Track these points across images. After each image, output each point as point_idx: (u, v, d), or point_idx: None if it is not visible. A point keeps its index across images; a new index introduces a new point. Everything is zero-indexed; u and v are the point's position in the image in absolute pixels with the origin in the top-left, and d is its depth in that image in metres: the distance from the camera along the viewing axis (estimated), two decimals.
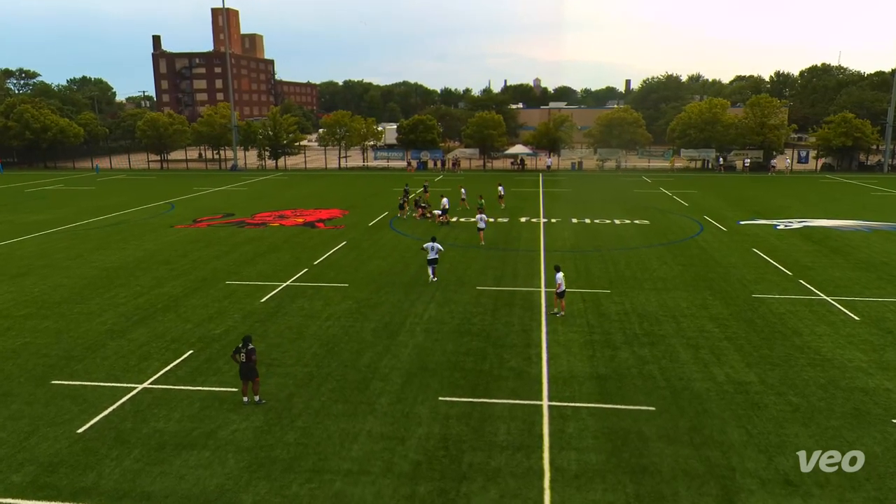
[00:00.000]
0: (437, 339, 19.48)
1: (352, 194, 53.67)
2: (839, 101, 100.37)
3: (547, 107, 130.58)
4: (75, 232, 37.31)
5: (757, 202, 47.67)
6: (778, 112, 76.04)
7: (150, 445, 13.52)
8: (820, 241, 33.14)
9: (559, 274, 21.41)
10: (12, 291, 24.89)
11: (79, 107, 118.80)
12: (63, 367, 17.58)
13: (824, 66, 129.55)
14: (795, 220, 39.69)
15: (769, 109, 74.00)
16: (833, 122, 71.96)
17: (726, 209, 44.32)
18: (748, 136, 74.10)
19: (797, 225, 37.92)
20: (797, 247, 31.91)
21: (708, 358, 18.00)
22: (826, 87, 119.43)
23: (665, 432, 13.96)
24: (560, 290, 21.31)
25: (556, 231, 36.67)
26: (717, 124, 74.07)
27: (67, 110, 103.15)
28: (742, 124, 74.90)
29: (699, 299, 23.40)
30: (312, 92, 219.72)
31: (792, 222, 38.82)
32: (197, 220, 40.86)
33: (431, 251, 25.75)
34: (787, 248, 31.50)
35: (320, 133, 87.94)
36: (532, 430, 14.08)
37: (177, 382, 16.57)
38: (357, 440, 13.70)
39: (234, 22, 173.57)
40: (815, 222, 38.76)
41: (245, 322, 21.16)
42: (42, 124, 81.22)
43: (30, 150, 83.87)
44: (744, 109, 79.18)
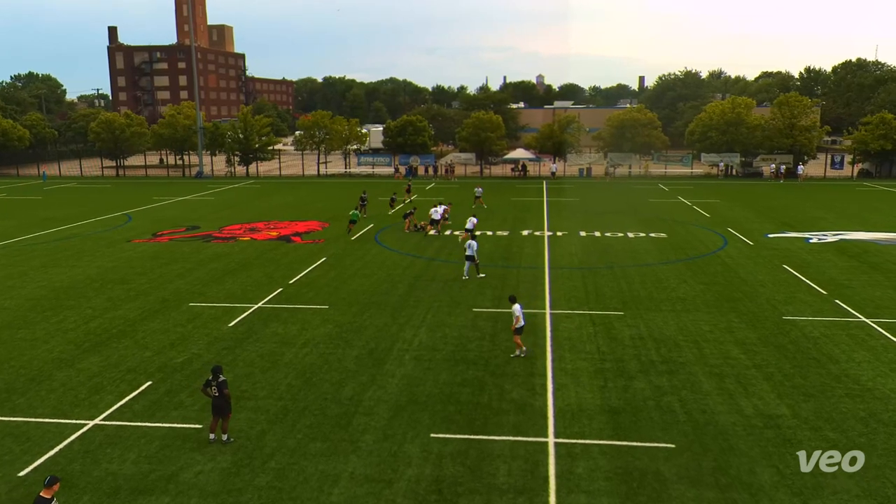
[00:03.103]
0: (428, 368, 19.43)
1: (332, 205, 53.71)
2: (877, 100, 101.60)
3: (551, 106, 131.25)
4: (19, 247, 37.13)
5: (786, 213, 48.00)
6: (809, 112, 76.75)
7: (103, 490, 13.37)
8: (857, 257, 33.34)
9: (516, 306, 20.01)
10: None
11: (24, 106, 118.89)
12: (3, 401, 17.41)
13: (860, 61, 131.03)
14: (830, 232, 39.92)
15: (799, 109, 74.70)
16: (870, 123, 72.62)
17: (752, 220, 44.59)
18: (776, 139, 74.74)
19: (832, 238, 38.14)
20: (832, 263, 32.09)
21: (734, 388, 18.01)
22: (862, 85, 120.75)
23: (686, 473, 13.92)
24: (518, 325, 19.96)
25: (563, 245, 36.78)
26: (741, 126, 74.70)
27: (11, 110, 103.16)
28: (769, 126, 75.57)
29: (723, 322, 23.46)
30: (288, 90, 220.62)
31: (826, 235, 39.04)
32: (157, 234, 40.77)
33: (469, 248, 28.80)
34: (820, 265, 31.67)
35: (297, 136, 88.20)
36: (536, 471, 14.02)
37: (133, 418, 16.43)
38: (338, 483, 13.61)
39: (199, 11, 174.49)
40: (851, 235, 39.01)
41: (211, 349, 21.06)
42: None
43: None
44: (770, 109, 79.93)
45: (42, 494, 11.26)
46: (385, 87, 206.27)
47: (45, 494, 11.23)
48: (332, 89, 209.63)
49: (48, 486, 11.25)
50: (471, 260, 29.25)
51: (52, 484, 11.29)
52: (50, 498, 11.19)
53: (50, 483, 11.30)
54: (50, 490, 11.24)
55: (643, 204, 53.53)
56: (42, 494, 11.26)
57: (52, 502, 11.18)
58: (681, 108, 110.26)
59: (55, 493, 11.31)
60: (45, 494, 11.23)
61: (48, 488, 11.25)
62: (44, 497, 11.21)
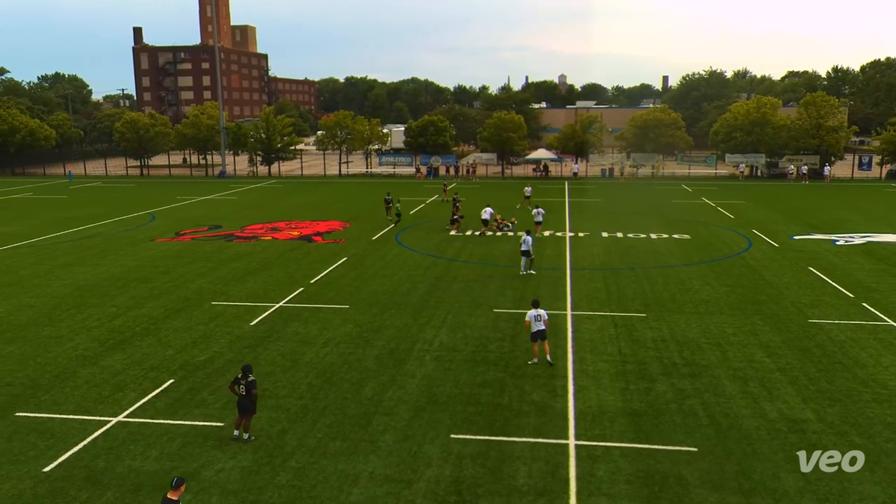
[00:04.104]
0: (448, 369, 19.44)
1: (354, 205, 53.95)
2: None
3: (574, 106, 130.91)
4: (45, 246, 37.70)
5: (812, 214, 47.42)
6: (836, 112, 75.78)
7: (125, 487, 13.53)
8: (886, 259, 32.86)
9: (530, 311, 19.63)
10: None
11: (51, 106, 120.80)
12: (29, 398, 17.68)
13: (889, 60, 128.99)
14: (857, 234, 39.39)
15: (826, 109, 73.76)
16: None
17: (778, 222, 44.11)
18: (802, 140, 73.86)
19: (859, 240, 37.63)
20: (859, 265, 31.65)
21: (758, 392, 17.83)
22: (891, 85, 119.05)
23: (709, 477, 13.80)
24: (532, 330, 19.53)
25: (584, 246, 36.62)
26: (766, 126, 73.89)
27: (38, 110, 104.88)
28: (795, 126, 74.72)
29: (747, 325, 23.23)
30: (310, 90, 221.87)
31: (853, 237, 38.53)
32: (180, 233, 41.18)
33: (524, 244, 29.65)
34: (847, 267, 31.25)
35: (319, 136, 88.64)
36: (556, 473, 13.97)
37: (155, 415, 16.61)
38: (357, 483, 13.65)
39: (223, 12, 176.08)
40: (879, 237, 38.46)
41: (232, 348, 21.24)
42: (10, 125, 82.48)
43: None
44: (797, 109, 79.00)
45: (169, 496, 11.02)
46: (407, 87, 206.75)
47: (171, 496, 11.01)
48: (354, 89, 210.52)
49: (175, 488, 11.04)
50: (526, 255, 29.88)
51: (178, 485, 11.07)
52: (177, 500, 10.98)
53: (177, 484, 11.08)
54: (177, 492, 11.02)
55: (666, 205, 53.15)
56: (169, 496, 11.02)
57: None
58: (705, 108, 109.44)
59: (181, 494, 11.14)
60: (172, 496, 11.01)
61: (175, 490, 11.03)
62: (171, 499, 10.98)
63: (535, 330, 19.52)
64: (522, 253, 30.15)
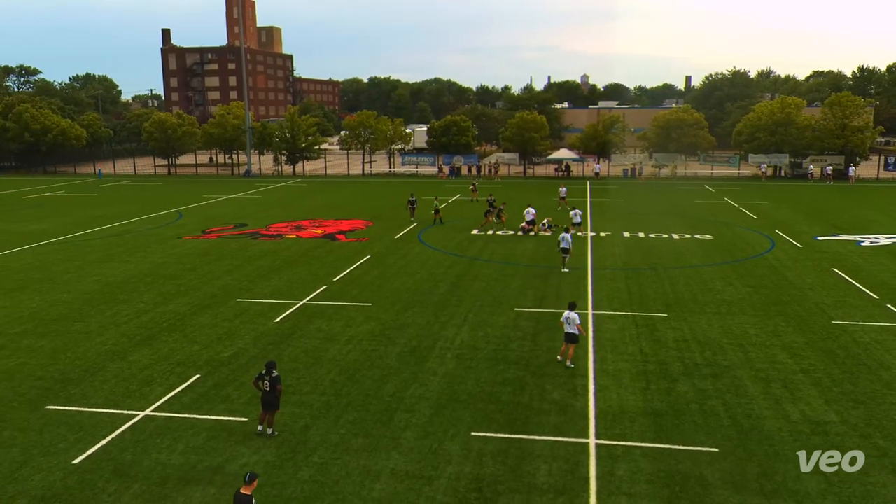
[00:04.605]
0: (469, 367, 19.45)
1: (376, 204, 54.12)
2: None
3: (596, 106, 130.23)
4: (76, 243, 38.26)
5: (837, 215, 46.75)
6: (862, 112, 74.59)
7: (152, 480, 13.70)
8: None
9: (570, 314, 19.33)
10: (7, 307, 25.58)
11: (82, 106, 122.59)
12: (59, 391, 17.96)
13: None
14: (883, 235, 38.78)
15: (851, 109, 72.64)
16: None
17: (801, 223, 43.55)
18: (827, 140, 72.85)
19: (885, 241, 37.05)
20: (885, 266, 31.15)
21: (780, 393, 17.63)
22: None
23: (730, 478, 13.68)
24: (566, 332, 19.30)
25: (606, 246, 36.42)
26: (790, 126, 72.99)
27: (69, 110, 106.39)
28: (820, 126, 73.72)
29: (770, 326, 22.97)
30: (334, 90, 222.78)
31: (878, 238, 37.94)
32: (206, 231, 41.58)
33: (563, 241, 30.28)
34: (872, 268, 30.77)
35: (342, 135, 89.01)
36: (576, 472, 13.92)
37: (181, 410, 16.80)
38: (379, 479, 13.70)
39: (249, 13, 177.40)
40: None
41: (257, 344, 21.41)
42: (42, 125, 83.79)
43: (29, 153, 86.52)
44: (821, 109, 77.92)
45: (242, 491, 10.96)
46: (429, 87, 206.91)
47: (245, 491, 10.94)
48: (377, 89, 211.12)
49: (248, 483, 10.97)
50: (566, 253, 30.48)
51: (251, 480, 11.00)
52: (250, 495, 10.90)
53: (250, 479, 11.01)
54: (249, 487, 10.95)
55: (688, 205, 52.69)
56: (242, 491, 10.96)
57: (252, 500, 10.87)
58: (728, 108, 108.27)
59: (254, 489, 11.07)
60: (246, 491, 10.94)
61: (248, 485, 10.97)
62: (244, 494, 10.91)
63: (565, 331, 19.47)
64: (562, 251, 30.60)
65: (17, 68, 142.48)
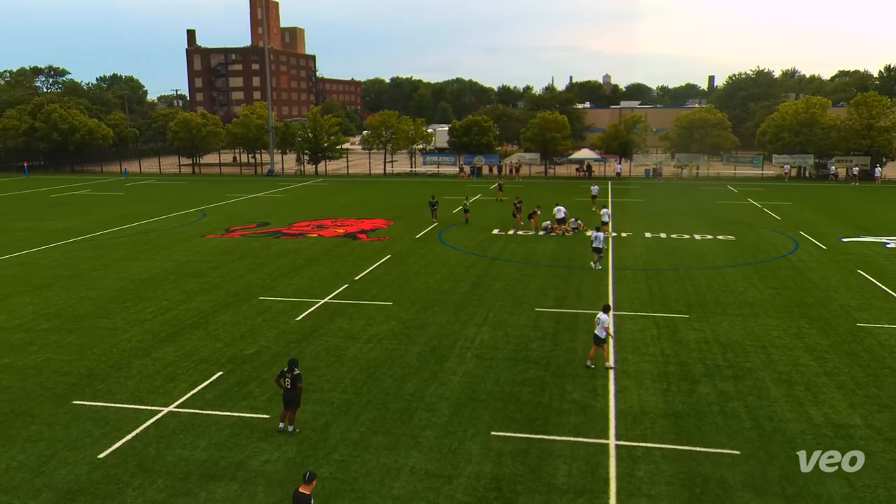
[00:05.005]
0: (489, 367, 19.43)
1: (398, 203, 54.23)
2: None
3: (618, 106, 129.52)
4: (102, 241, 38.76)
5: (862, 216, 46.07)
6: (888, 112, 73.33)
7: (175, 475, 13.84)
8: None
9: (602, 316, 19.19)
10: (35, 303, 25.98)
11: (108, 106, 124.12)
12: (85, 387, 18.21)
13: None
14: None
15: (878, 110, 71.54)
16: None
17: (826, 224, 42.98)
18: (853, 140, 71.85)
19: None
20: None
21: (803, 396, 17.41)
22: None
23: (751, 481, 13.54)
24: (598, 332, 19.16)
25: (627, 247, 36.20)
26: (815, 126, 72.08)
27: (97, 110, 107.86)
28: (845, 126, 72.70)
29: (793, 328, 22.70)
30: (356, 90, 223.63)
31: None
32: (230, 230, 41.93)
33: (595, 241, 30.53)
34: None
35: (364, 135, 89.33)
36: (596, 473, 13.86)
37: (204, 406, 16.96)
38: (399, 477, 13.74)
39: (273, 14, 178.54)
40: None
41: (279, 342, 21.55)
42: (70, 125, 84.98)
43: (57, 152, 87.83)
44: (847, 109, 76.82)
45: (301, 490, 10.95)
46: (451, 87, 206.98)
47: (304, 490, 10.93)
48: (399, 89, 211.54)
49: (307, 483, 10.97)
50: (598, 252, 30.73)
51: (311, 480, 11.00)
52: (309, 494, 10.89)
53: (309, 479, 11.01)
54: (309, 486, 10.95)
55: (711, 206, 52.21)
56: (301, 490, 10.95)
57: (311, 499, 10.88)
58: (752, 108, 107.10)
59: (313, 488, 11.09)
60: (305, 490, 10.93)
61: (307, 484, 10.96)
62: (303, 493, 10.91)
63: (595, 334, 19.28)
64: (594, 249, 30.81)
65: (46, 69, 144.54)
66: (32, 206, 54.35)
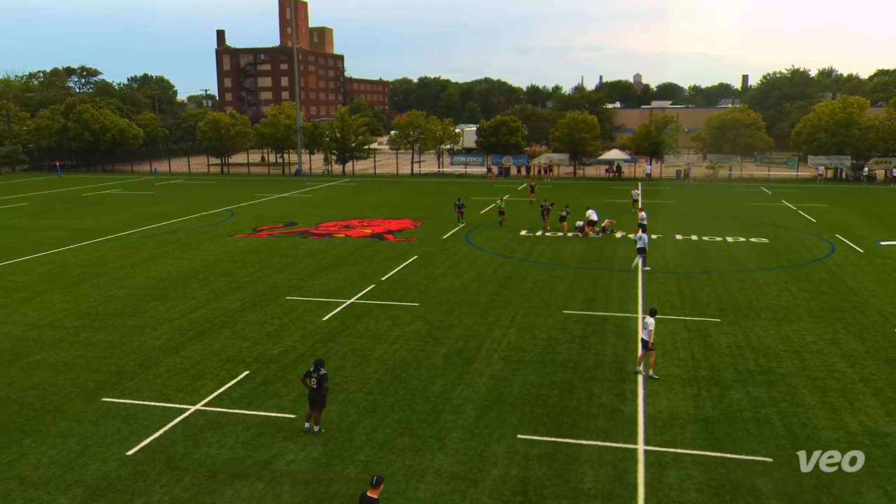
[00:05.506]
0: (516, 369, 19.38)
1: (425, 203, 54.33)
2: None
3: (648, 106, 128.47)
4: (132, 240, 39.36)
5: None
6: None
7: (202, 473, 14.01)
8: None
9: (647, 319, 18.98)
10: (66, 301, 26.46)
11: (139, 106, 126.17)
12: (114, 384, 18.51)
13: None
14: None
15: None
16: None
17: (863, 227, 42.20)
18: (891, 141, 70.47)
19: None
20: None
21: (838, 403, 17.11)
22: None
23: (784, 489, 13.33)
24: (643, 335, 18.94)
25: (658, 249, 35.86)
26: (852, 127, 70.80)
27: (127, 110, 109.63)
28: (884, 127, 71.35)
29: (828, 333, 22.32)
30: (384, 90, 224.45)
31: None
32: (257, 230, 42.32)
33: (640, 241, 30.82)
34: None
35: (392, 135, 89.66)
36: (624, 478, 13.75)
37: (231, 405, 17.13)
38: (424, 479, 13.75)
39: (301, 14, 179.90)
40: None
41: (305, 342, 21.70)
42: (101, 125, 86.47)
43: (88, 152, 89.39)
44: (886, 109, 75.49)
45: (369, 494, 10.99)
46: (479, 87, 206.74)
47: (371, 494, 10.96)
48: (427, 89, 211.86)
49: (375, 487, 10.99)
50: (642, 252, 30.86)
51: (378, 484, 11.02)
52: (377, 498, 10.94)
53: (377, 483, 11.02)
54: (376, 490, 10.98)
55: (744, 208, 51.54)
56: (369, 494, 10.99)
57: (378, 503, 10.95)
58: (787, 108, 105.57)
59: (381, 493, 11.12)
60: (372, 494, 10.96)
61: (375, 488, 10.98)
62: (371, 497, 10.95)
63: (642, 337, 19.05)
64: (639, 250, 30.98)
65: (78, 69, 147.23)
66: (64, 205, 55.37)
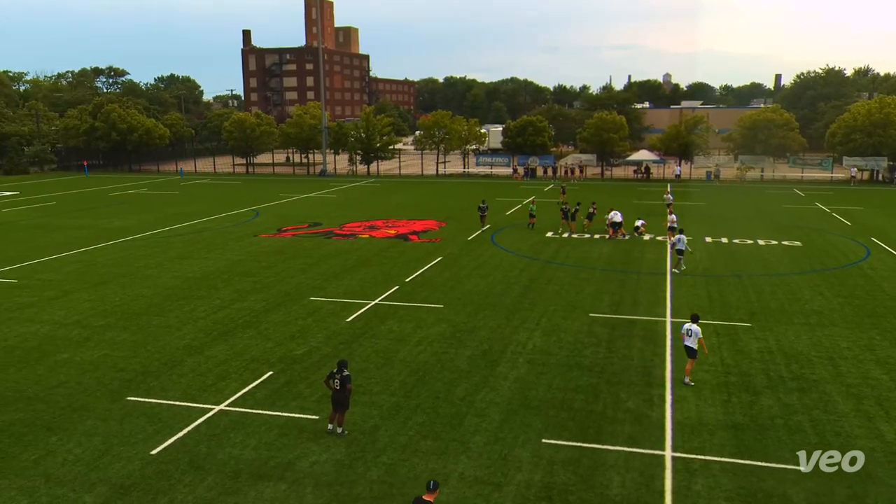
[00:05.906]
0: (541, 373, 19.29)
1: (450, 204, 54.34)
2: None
3: (678, 106, 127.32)
4: (157, 239, 39.85)
5: None
6: None
7: (225, 473, 14.12)
8: None
9: (691, 326, 18.42)
10: (92, 300, 26.85)
11: (165, 106, 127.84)
12: (139, 383, 18.73)
13: None
14: None
15: None
16: None
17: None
18: None
19: None
20: None
21: (873, 411, 16.80)
22: None
23: (816, 499, 13.11)
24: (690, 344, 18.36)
25: (686, 251, 35.46)
26: (889, 127, 69.56)
27: (154, 110, 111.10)
28: None
29: (863, 339, 21.93)
30: (409, 90, 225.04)
31: None
32: (282, 230, 42.62)
33: (679, 242, 31.16)
34: None
35: (417, 135, 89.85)
36: (651, 485, 13.61)
37: (255, 406, 17.25)
38: (447, 483, 13.73)
39: (327, 14, 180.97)
40: None
41: (328, 343, 21.80)
42: (128, 125, 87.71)
43: (115, 152, 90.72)
44: None
45: (425, 497, 11.04)
46: (506, 87, 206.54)
47: (427, 498, 11.01)
48: (452, 89, 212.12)
49: (431, 491, 11.03)
50: (681, 254, 31.15)
51: (434, 489, 11.07)
52: (432, 502, 11.02)
53: (433, 487, 11.08)
54: (432, 494, 11.02)
55: (776, 210, 50.87)
56: (425, 497, 11.04)
57: None
58: (821, 108, 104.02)
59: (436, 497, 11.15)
60: (428, 498, 11.01)
61: (431, 492, 11.03)
62: (426, 500, 11.00)
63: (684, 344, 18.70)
64: (677, 252, 31.19)
65: (106, 70, 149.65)
66: (91, 205, 56.22)
